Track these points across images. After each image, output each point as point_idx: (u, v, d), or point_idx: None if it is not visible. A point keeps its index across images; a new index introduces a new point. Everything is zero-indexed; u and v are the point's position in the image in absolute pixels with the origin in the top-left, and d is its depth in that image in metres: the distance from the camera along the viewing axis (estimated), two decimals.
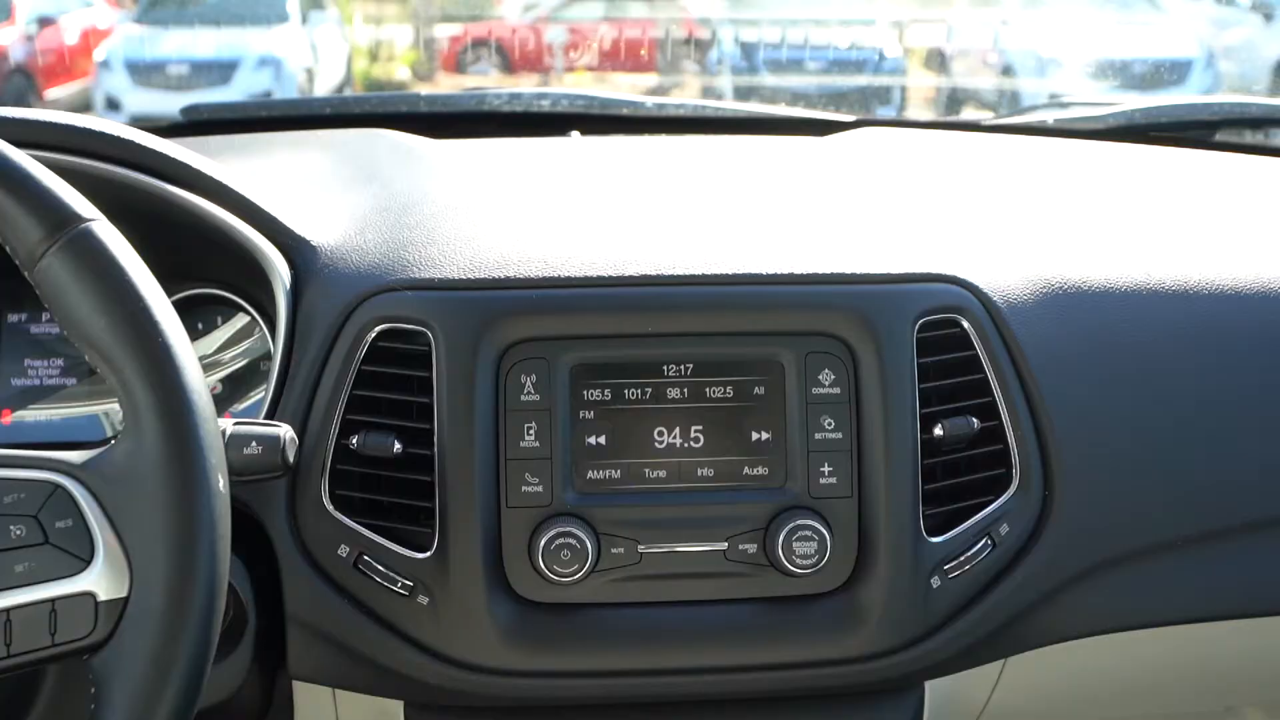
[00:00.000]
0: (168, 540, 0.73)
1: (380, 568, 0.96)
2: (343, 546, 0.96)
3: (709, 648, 0.97)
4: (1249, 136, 1.53)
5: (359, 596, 0.97)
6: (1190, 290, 1.08)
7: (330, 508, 0.96)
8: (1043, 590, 1.01)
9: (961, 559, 0.99)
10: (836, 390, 0.98)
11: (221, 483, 0.76)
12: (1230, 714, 1.19)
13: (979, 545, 0.99)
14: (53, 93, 5.90)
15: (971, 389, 1.00)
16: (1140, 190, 1.32)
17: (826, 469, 0.97)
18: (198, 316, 1.11)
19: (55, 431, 1.07)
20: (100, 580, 0.74)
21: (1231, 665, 1.11)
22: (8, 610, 0.73)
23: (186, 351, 0.77)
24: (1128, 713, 1.16)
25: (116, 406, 1.07)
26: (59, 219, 0.76)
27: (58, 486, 0.75)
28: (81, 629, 0.73)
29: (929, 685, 1.04)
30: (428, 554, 0.95)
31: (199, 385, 0.76)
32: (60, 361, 1.10)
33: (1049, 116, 1.58)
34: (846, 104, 2.35)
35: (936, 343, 1.00)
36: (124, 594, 0.74)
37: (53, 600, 0.73)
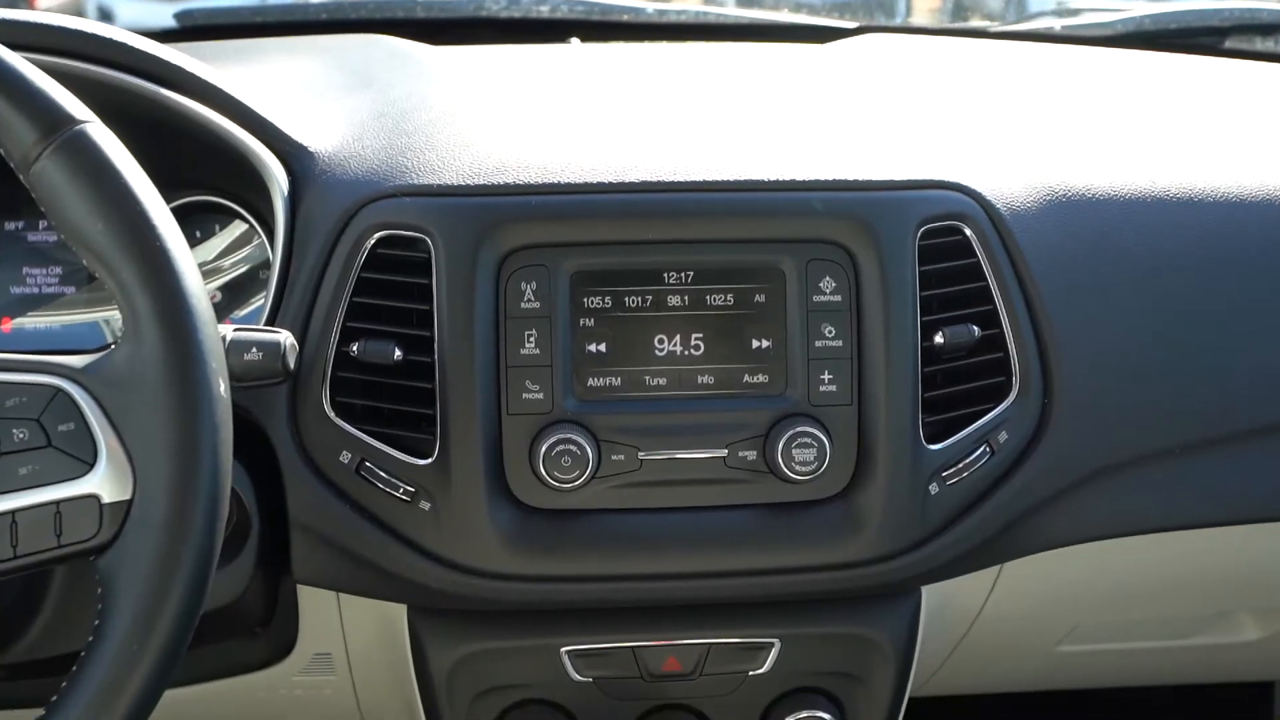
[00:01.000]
0: (170, 444, 0.74)
1: (382, 474, 0.96)
2: (344, 453, 0.97)
3: (708, 553, 0.98)
4: (1259, 43, 1.51)
5: (361, 502, 0.97)
6: (1195, 197, 1.07)
7: (331, 414, 0.97)
8: (1040, 497, 1.02)
9: (960, 466, 1.00)
10: (837, 298, 0.97)
11: (222, 387, 0.76)
12: (1221, 618, 1.20)
13: (977, 452, 1.00)
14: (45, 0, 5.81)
15: (972, 297, 1.00)
16: (1148, 97, 1.30)
17: (826, 376, 0.97)
18: (195, 225, 1.10)
19: (55, 339, 1.08)
20: (104, 483, 0.74)
21: (1225, 571, 1.13)
22: (13, 512, 0.73)
23: (185, 256, 0.76)
24: (1121, 617, 1.18)
25: (117, 313, 1.07)
26: (53, 121, 0.75)
27: (59, 390, 0.75)
28: (86, 531, 0.74)
29: (926, 590, 1.05)
30: (429, 460, 0.96)
31: (198, 290, 0.76)
32: (59, 269, 1.10)
33: (1056, 23, 1.55)
34: (850, 10, 2.31)
35: (938, 250, 0.99)
36: (128, 496, 0.74)
37: (57, 503, 0.74)
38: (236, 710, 1.20)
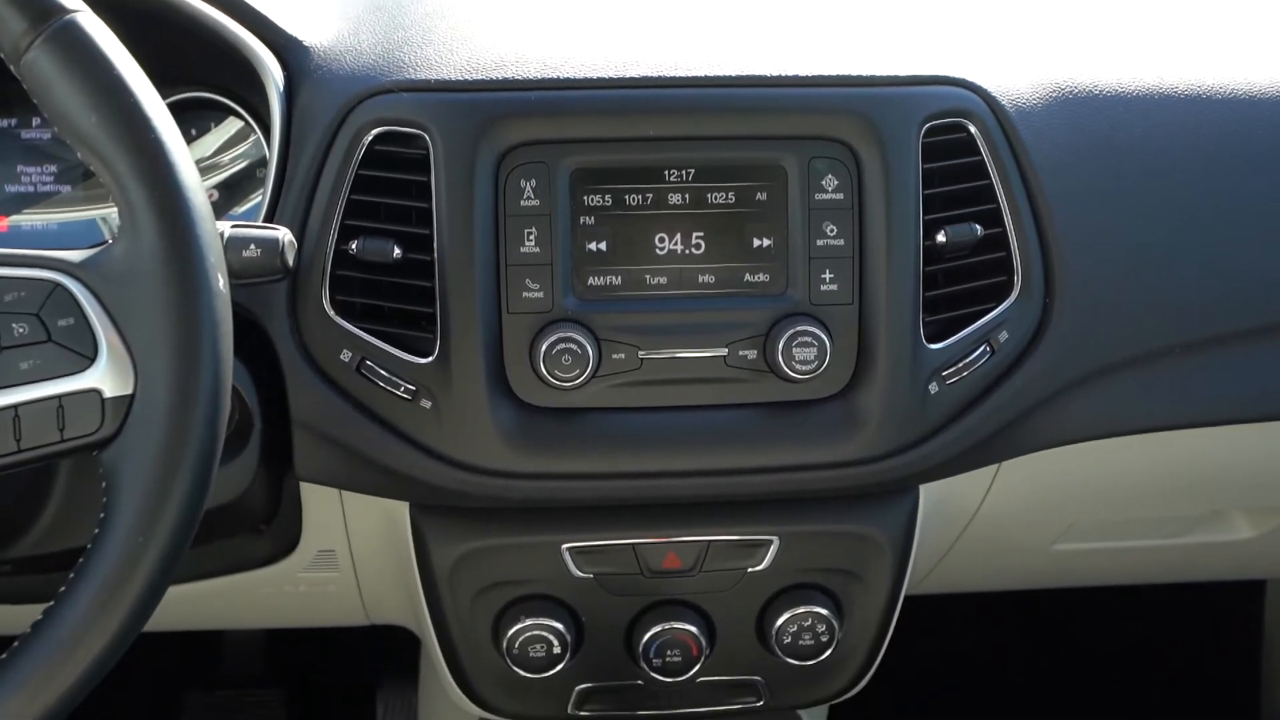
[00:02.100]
0: (170, 338, 0.74)
1: (383, 372, 0.96)
2: (345, 351, 0.97)
3: (708, 451, 0.99)
4: None
5: (362, 401, 0.98)
6: (1205, 95, 1.05)
7: (331, 313, 0.96)
8: (1039, 396, 1.02)
9: (959, 365, 1.00)
10: (839, 196, 0.97)
11: (221, 282, 0.76)
12: (1216, 517, 1.22)
13: (978, 352, 1.00)
14: None
15: (976, 195, 0.99)
16: None
17: (828, 275, 0.97)
18: (189, 122, 1.09)
19: (52, 238, 1.07)
20: (105, 378, 0.74)
21: (1221, 470, 1.14)
22: (15, 406, 0.74)
23: (180, 148, 0.75)
24: (1116, 516, 1.19)
25: (114, 211, 1.06)
26: (43, 9, 0.74)
27: (57, 285, 0.75)
28: (89, 425, 0.74)
29: (924, 489, 1.06)
30: (430, 359, 0.96)
31: (195, 183, 0.76)
32: (54, 167, 1.09)
33: None
34: None
35: (942, 147, 0.98)
36: (129, 391, 0.74)
37: (59, 397, 0.74)
38: (242, 606, 1.22)
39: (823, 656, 1.05)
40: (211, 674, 1.88)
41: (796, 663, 1.05)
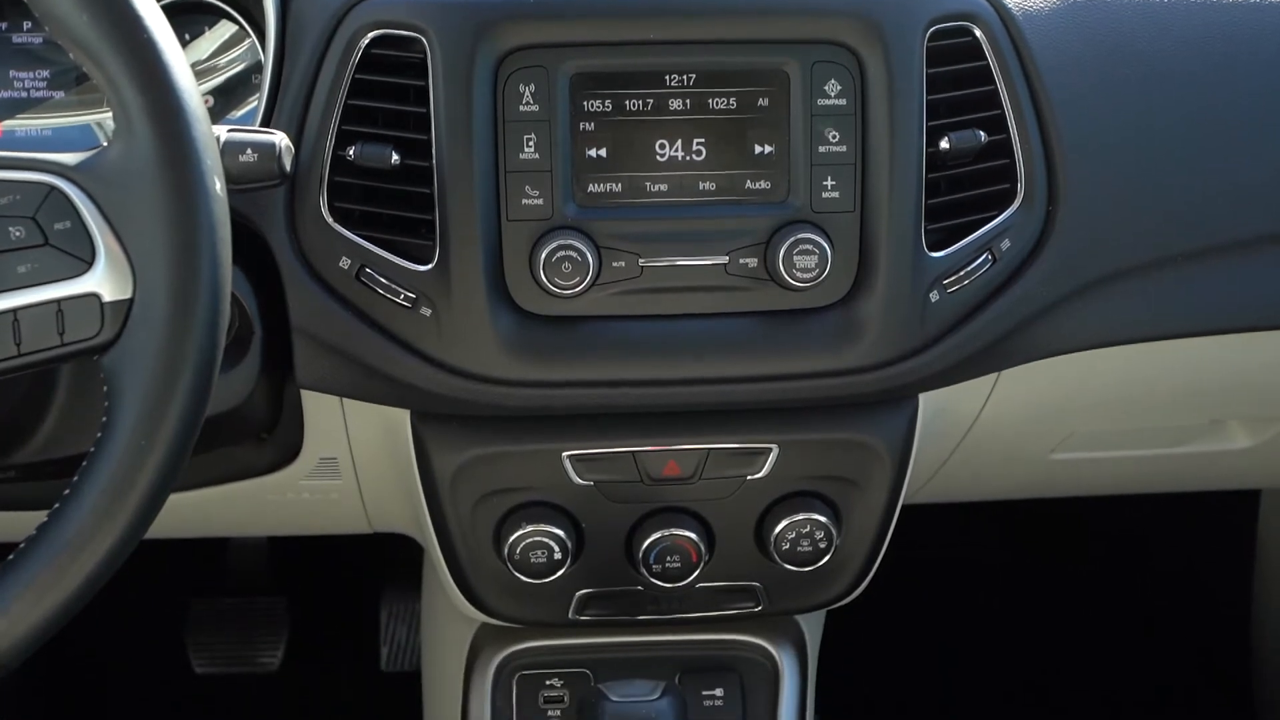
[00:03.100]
0: (168, 242, 0.73)
1: (382, 280, 0.96)
2: (344, 259, 0.96)
3: (708, 359, 0.99)
4: None
5: (362, 308, 0.97)
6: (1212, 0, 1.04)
7: (330, 220, 0.96)
8: (1040, 305, 1.02)
9: (960, 274, 0.99)
10: (842, 102, 0.96)
11: (219, 185, 0.76)
12: (1213, 426, 1.22)
13: (979, 260, 1.00)
14: None
15: (980, 101, 0.98)
16: None
17: (829, 182, 0.96)
18: (182, 26, 1.07)
19: (47, 144, 1.06)
20: (103, 282, 0.74)
21: (1220, 379, 1.14)
22: (14, 310, 0.74)
23: (174, 49, 0.74)
24: (1115, 425, 1.19)
25: (109, 116, 1.05)
26: None
27: (53, 188, 0.74)
28: (89, 329, 0.74)
29: (923, 397, 1.06)
30: (429, 266, 0.96)
31: (189, 85, 0.75)
32: (46, 71, 1.07)
33: None
34: None
35: (946, 52, 0.97)
36: (128, 295, 0.74)
37: (58, 301, 0.74)
38: (246, 514, 1.23)
39: (820, 563, 1.06)
40: (217, 582, 1.91)
41: (794, 569, 1.07)
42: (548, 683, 1.17)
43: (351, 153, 0.95)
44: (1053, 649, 1.96)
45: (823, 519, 1.05)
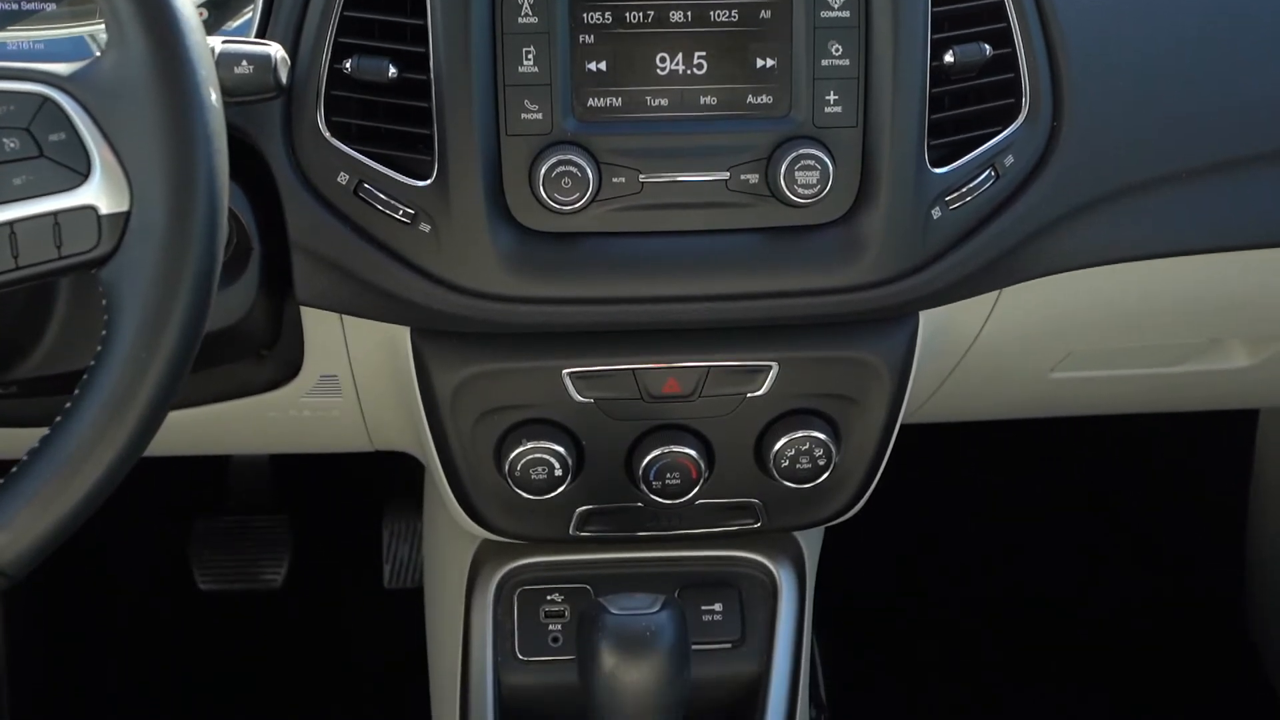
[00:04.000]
0: (164, 153, 0.73)
1: (381, 196, 0.96)
2: (342, 174, 0.96)
3: (708, 276, 0.99)
4: None
5: (361, 225, 0.97)
6: None
7: (327, 134, 0.95)
8: (1043, 222, 1.02)
9: (963, 190, 0.99)
10: (846, 14, 0.94)
11: (214, 96, 0.75)
12: (1213, 345, 1.22)
13: (982, 176, 0.99)
14: None
15: (985, 13, 0.97)
16: None
17: (832, 97, 0.95)
18: None
19: (39, 56, 1.04)
20: (100, 194, 0.74)
21: (1221, 297, 1.14)
22: (11, 223, 0.73)
23: None
24: (1115, 344, 1.19)
25: (102, 29, 1.04)
26: None
27: (47, 99, 0.73)
28: (86, 243, 0.74)
29: (924, 315, 1.06)
30: (428, 182, 0.95)
31: None
32: None
33: None
34: None
35: None
36: (125, 208, 0.74)
37: (54, 213, 0.73)
38: (247, 431, 1.24)
39: (819, 480, 1.07)
40: (219, 501, 1.92)
41: (794, 486, 1.07)
42: (549, 598, 1.19)
43: (348, 66, 0.94)
44: (1048, 566, 1.99)
45: (822, 436, 1.06)
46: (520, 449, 1.04)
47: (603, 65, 0.94)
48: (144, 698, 1.85)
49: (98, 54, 0.76)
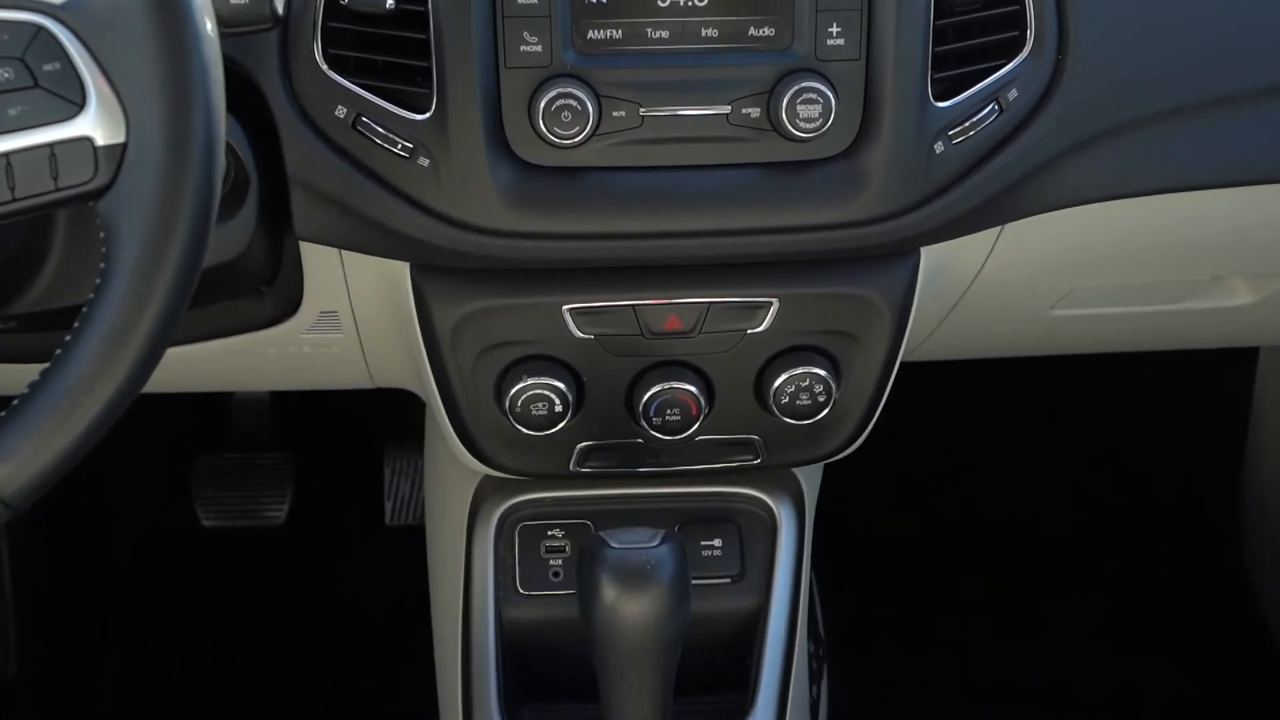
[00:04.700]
0: (159, 83, 0.72)
1: (379, 129, 0.95)
2: (339, 108, 0.95)
3: (709, 211, 0.98)
4: None
5: (359, 158, 0.96)
6: None
7: (324, 67, 0.94)
8: (1046, 157, 1.01)
9: (966, 124, 0.98)
10: None
11: (209, 26, 0.74)
12: (1215, 282, 1.22)
13: (985, 110, 0.98)
14: None
15: None
16: None
17: (835, 29, 0.94)
18: None
19: None
20: (96, 125, 0.73)
21: (1224, 233, 1.13)
22: (7, 154, 0.73)
23: None
24: (1117, 281, 1.19)
25: None
26: None
27: (40, 28, 0.73)
28: (83, 175, 0.74)
29: (925, 251, 1.06)
30: (426, 115, 0.94)
31: None
32: None
33: None
34: None
35: None
36: (122, 139, 0.73)
37: (50, 145, 0.73)
38: (248, 368, 1.24)
39: (819, 417, 1.07)
40: (221, 438, 1.93)
41: (793, 422, 1.07)
42: (549, 533, 1.19)
43: None
44: (1045, 504, 2.00)
45: (822, 373, 1.06)
46: (520, 385, 1.04)
47: None
48: (146, 632, 1.87)
49: None
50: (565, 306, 1.03)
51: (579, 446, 1.09)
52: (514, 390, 1.04)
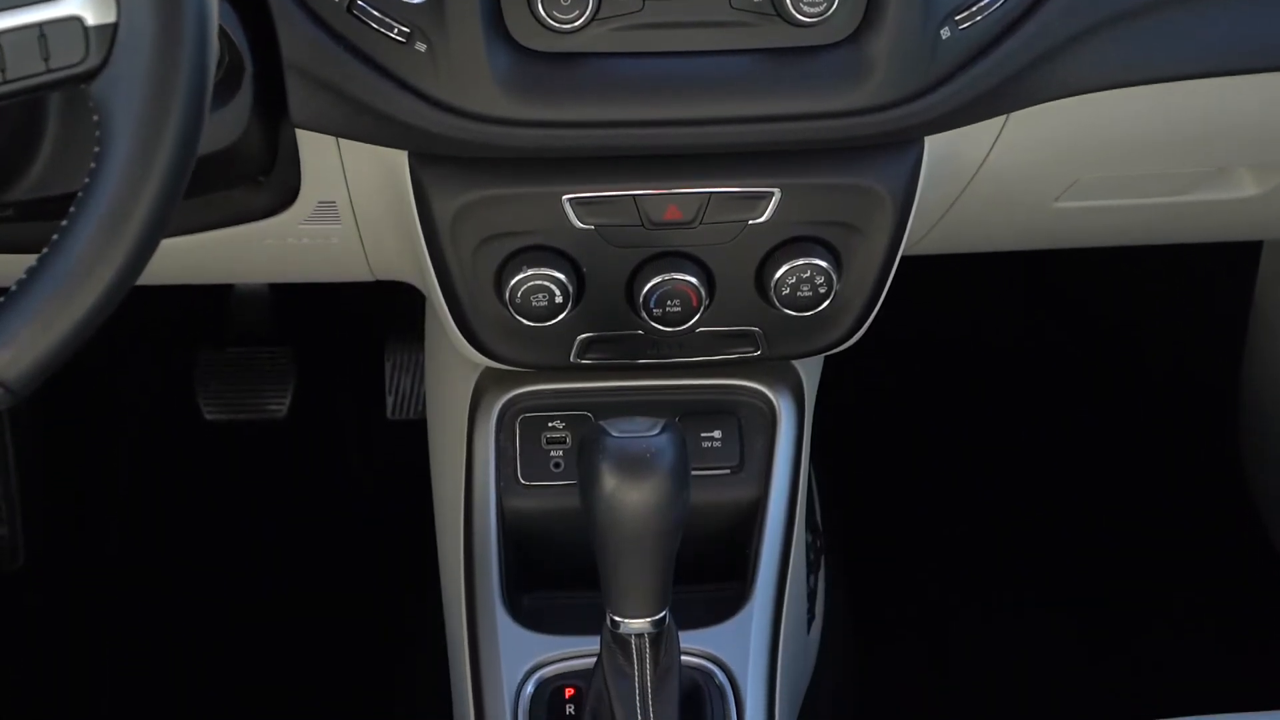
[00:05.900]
0: None
1: (375, 13, 0.93)
2: None
3: (711, 98, 0.97)
4: None
5: (356, 43, 0.95)
6: None
7: None
8: (1053, 43, 0.99)
9: (973, 9, 0.96)
10: None
11: None
12: (1221, 174, 1.21)
13: None
14: None
15: None
16: None
17: None
18: None
19: None
20: (85, 5, 0.72)
21: (1232, 124, 1.12)
22: None
23: None
24: (1121, 172, 1.18)
25: None
26: None
27: None
28: (74, 56, 0.72)
29: (929, 141, 1.04)
30: None
31: None
32: None
33: None
34: None
35: None
36: (112, 19, 0.72)
37: (40, 25, 0.72)
38: (247, 260, 1.23)
39: (820, 308, 1.07)
40: (222, 333, 1.93)
41: (794, 314, 1.07)
42: (550, 424, 1.20)
43: None
44: (1044, 400, 2.01)
45: (823, 264, 1.05)
46: (520, 275, 1.03)
47: None
48: (151, 524, 1.89)
49: None
50: (565, 196, 1.02)
51: (579, 338, 1.09)
52: (514, 281, 1.04)
